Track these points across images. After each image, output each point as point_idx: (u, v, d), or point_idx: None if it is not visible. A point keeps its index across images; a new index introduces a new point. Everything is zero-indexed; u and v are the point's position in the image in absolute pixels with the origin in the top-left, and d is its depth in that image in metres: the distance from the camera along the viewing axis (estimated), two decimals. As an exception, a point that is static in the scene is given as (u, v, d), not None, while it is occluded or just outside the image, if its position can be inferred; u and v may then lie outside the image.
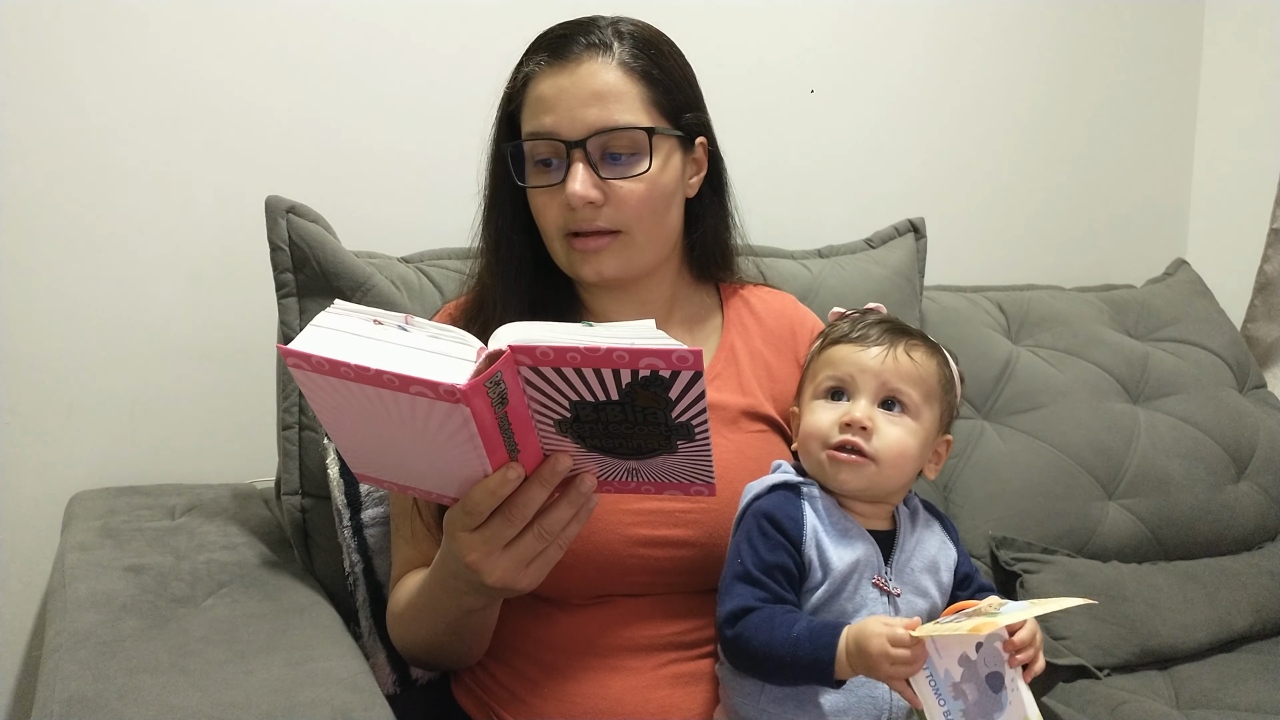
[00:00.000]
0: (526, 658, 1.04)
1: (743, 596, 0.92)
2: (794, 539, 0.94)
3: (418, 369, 0.73)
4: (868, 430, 0.95)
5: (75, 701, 0.83)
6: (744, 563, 0.94)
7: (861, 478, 0.96)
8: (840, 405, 0.98)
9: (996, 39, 1.94)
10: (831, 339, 1.02)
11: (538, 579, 0.88)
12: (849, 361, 0.98)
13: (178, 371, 1.44)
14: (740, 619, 0.91)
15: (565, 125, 1.00)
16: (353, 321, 0.77)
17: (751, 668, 0.93)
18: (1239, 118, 2.11)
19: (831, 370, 0.99)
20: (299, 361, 0.75)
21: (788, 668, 0.89)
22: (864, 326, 1.01)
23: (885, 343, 0.99)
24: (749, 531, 0.95)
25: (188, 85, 1.41)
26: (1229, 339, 1.85)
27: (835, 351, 1.00)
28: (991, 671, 0.89)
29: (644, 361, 0.73)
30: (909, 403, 0.98)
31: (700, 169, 1.11)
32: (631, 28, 1.05)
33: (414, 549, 1.07)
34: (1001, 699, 0.88)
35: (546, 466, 0.82)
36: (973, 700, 0.87)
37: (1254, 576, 1.62)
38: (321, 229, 1.26)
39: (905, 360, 0.98)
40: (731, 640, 0.92)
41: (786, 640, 0.88)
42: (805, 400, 1.02)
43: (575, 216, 1.02)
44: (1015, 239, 2.01)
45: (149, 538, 1.19)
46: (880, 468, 0.96)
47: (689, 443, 0.79)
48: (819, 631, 0.88)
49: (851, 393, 0.98)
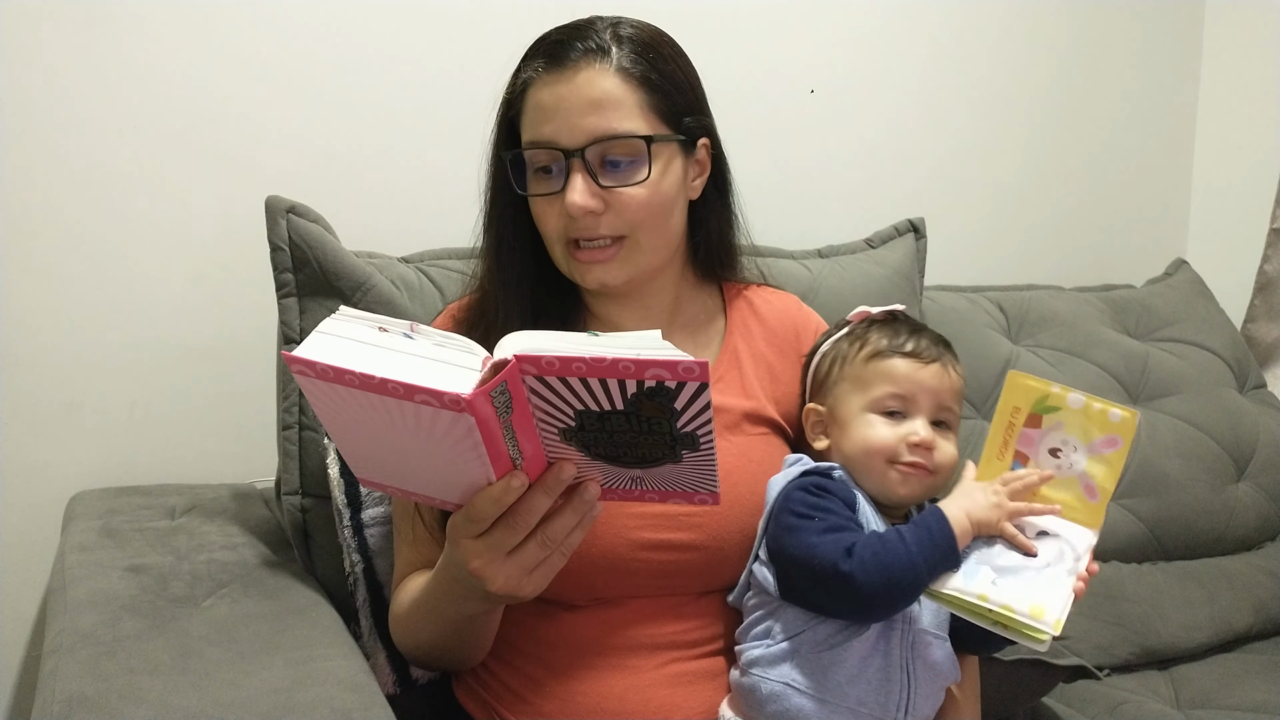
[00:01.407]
0: (528, 657, 1.04)
1: (839, 539, 0.92)
2: (849, 503, 0.98)
3: (423, 378, 0.72)
4: (932, 450, 0.99)
5: (75, 701, 0.83)
6: (822, 519, 0.95)
7: (922, 490, 1.00)
8: (901, 424, 1.00)
9: (997, 40, 1.94)
10: (880, 350, 1.03)
11: (541, 586, 0.88)
12: (911, 380, 1.01)
13: (178, 371, 1.44)
14: (851, 553, 0.91)
15: (564, 134, 1.00)
16: (358, 328, 0.77)
17: (880, 588, 0.91)
18: (1239, 118, 2.11)
19: (893, 387, 1.01)
20: (304, 368, 0.74)
21: (918, 565, 0.90)
22: (912, 337, 1.03)
23: (937, 358, 1.02)
24: (804, 500, 0.97)
25: (188, 86, 1.41)
26: (1229, 339, 1.85)
27: (894, 366, 1.01)
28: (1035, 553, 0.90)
29: (650, 372, 0.73)
30: (953, 420, 1.02)
31: (703, 170, 1.10)
32: (631, 30, 1.04)
33: (416, 551, 1.07)
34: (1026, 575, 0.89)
35: (550, 475, 0.82)
36: (997, 551, 0.89)
37: (1254, 576, 1.62)
38: (321, 229, 1.26)
39: (954, 377, 1.02)
40: (852, 572, 0.90)
41: (901, 542, 0.90)
42: (854, 410, 1.02)
43: (575, 224, 1.01)
44: (1015, 239, 2.01)
45: (149, 538, 1.19)
46: (936, 480, 1.00)
47: (694, 452, 0.79)
48: (925, 523, 0.91)
49: (910, 411, 1.01)
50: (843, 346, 1.06)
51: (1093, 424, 0.90)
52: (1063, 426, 0.90)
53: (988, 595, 0.87)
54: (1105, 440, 0.90)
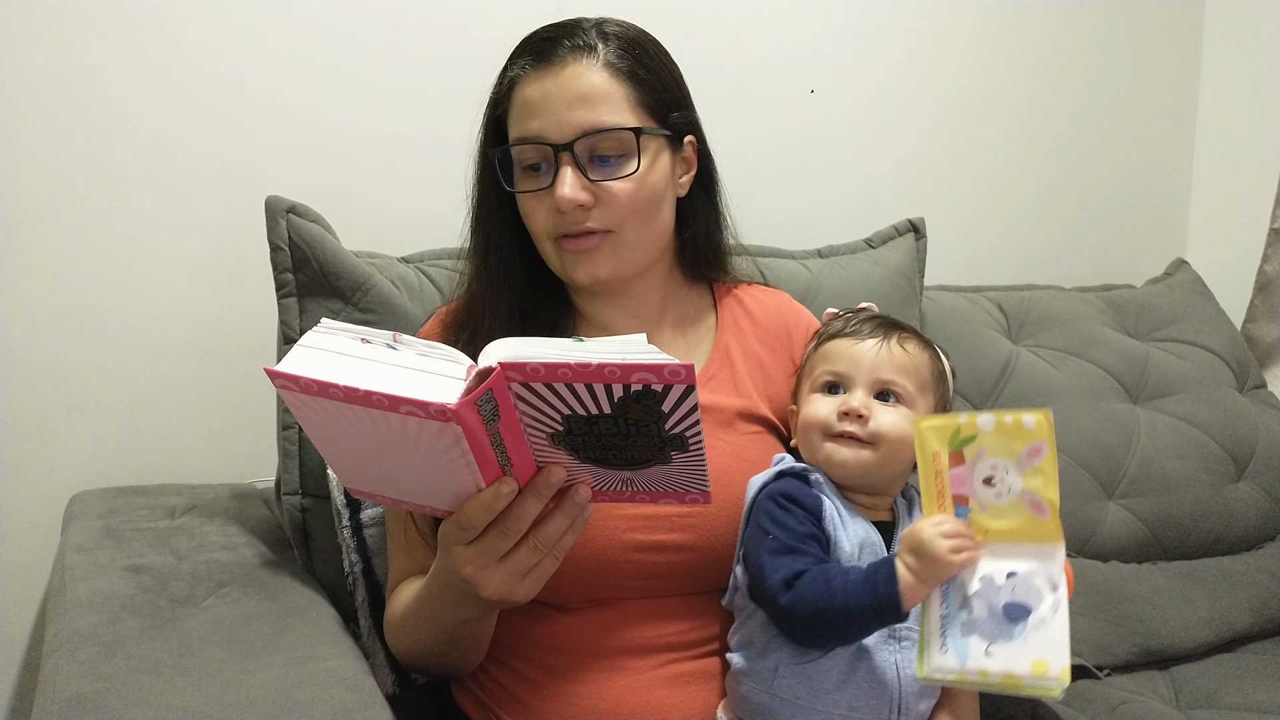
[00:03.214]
0: (525, 660, 1.04)
1: (788, 564, 0.91)
2: (814, 513, 0.96)
3: (407, 389, 0.72)
4: (864, 418, 0.98)
5: (75, 701, 0.83)
6: (777, 538, 0.94)
7: (862, 462, 0.98)
8: (837, 397, 1.00)
9: (997, 40, 1.94)
10: (826, 335, 1.05)
11: (534, 590, 0.88)
12: (844, 356, 1.02)
13: (178, 371, 1.44)
14: (793, 583, 0.90)
15: (552, 129, 1.00)
16: (340, 340, 0.77)
17: (814, 628, 0.90)
18: (1239, 118, 2.11)
19: (828, 365, 1.02)
20: (287, 383, 0.74)
21: (853, 613, 0.87)
22: (857, 323, 1.05)
23: (879, 336, 1.02)
24: (770, 512, 0.96)
25: (187, 85, 1.41)
26: (1229, 339, 1.85)
27: (830, 347, 1.04)
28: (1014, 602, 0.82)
29: (636, 376, 0.72)
30: (903, 393, 1.00)
31: (690, 168, 1.10)
32: (616, 28, 1.05)
33: (409, 557, 1.07)
34: (1015, 631, 0.81)
35: (540, 479, 0.82)
36: (980, 617, 0.82)
37: (1254, 576, 1.62)
38: (321, 229, 1.26)
39: (899, 351, 1.01)
40: (789, 607, 0.90)
41: (843, 589, 0.88)
42: (803, 395, 1.05)
43: (565, 220, 1.01)
44: (1015, 239, 2.01)
45: (149, 538, 1.19)
46: (880, 452, 0.98)
47: (683, 453, 0.79)
48: (873, 572, 0.87)
49: (848, 385, 1.01)
50: (809, 347, 1.09)
51: (1012, 439, 0.83)
52: (986, 452, 0.83)
53: (987, 670, 0.82)
54: (1029, 450, 0.83)
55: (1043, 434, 0.82)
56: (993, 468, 0.83)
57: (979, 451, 0.83)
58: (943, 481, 0.84)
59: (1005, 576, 0.83)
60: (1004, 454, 0.83)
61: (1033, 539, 0.83)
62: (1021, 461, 0.83)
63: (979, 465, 0.83)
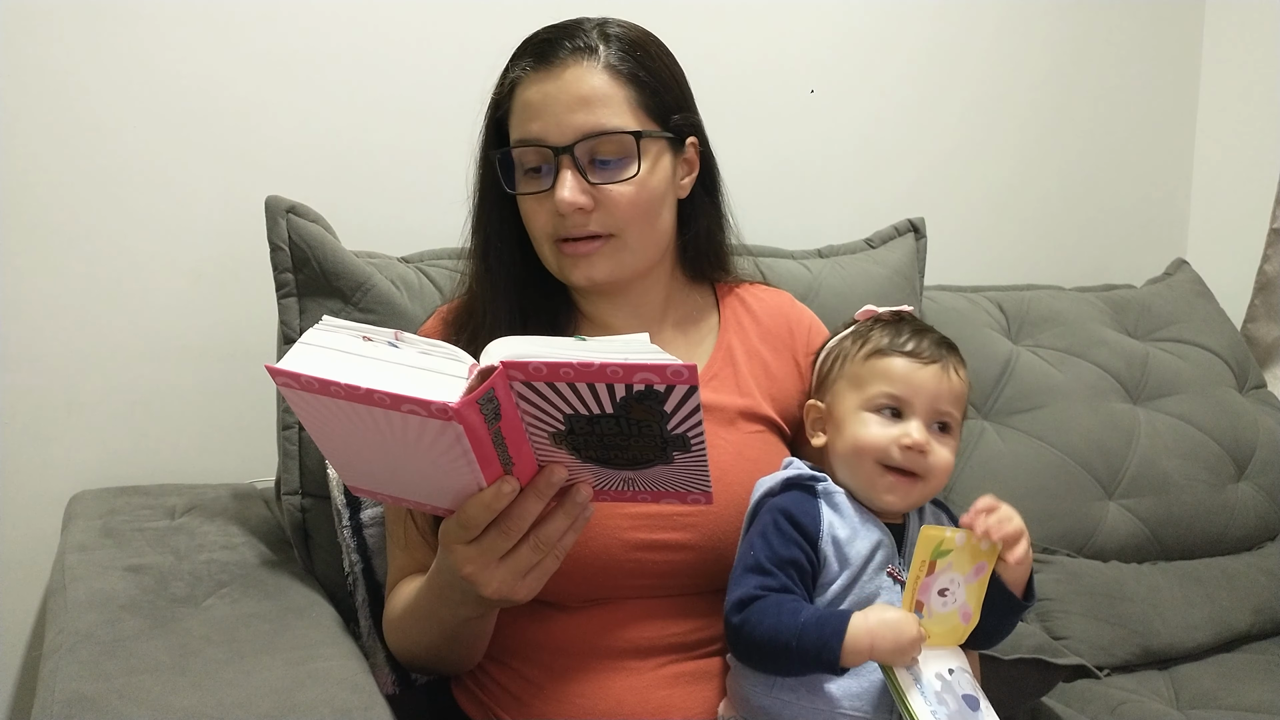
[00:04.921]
0: (526, 659, 1.03)
1: (749, 585, 0.92)
2: (811, 536, 0.95)
3: (409, 387, 0.72)
4: (925, 453, 0.97)
5: (75, 701, 0.83)
6: (756, 555, 0.94)
7: (908, 503, 0.99)
8: (895, 424, 0.98)
9: (997, 39, 1.94)
10: (879, 348, 1.01)
11: (535, 589, 0.87)
12: (905, 380, 0.98)
13: (178, 371, 1.44)
14: (746, 606, 0.91)
15: (552, 131, 1.00)
16: (342, 338, 0.77)
17: (754, 654, 0.93)
18: (1239, 118, 2.11)
19: (886, 385, 0.99)
20: (288, 381, 0.74)
21: (792, 653, 0.88)
22: (914, 337, 1.01)
23: (938, 360, 0.99)
24: (764, 527, 0.96)
25: (187, 86, 1.41)
26: (1229, 339, 1.85)
27: (891, 365, 0.99)
28: (966, 693, 0.91)
29: (638, 376, 0.72)
30: (954, 423, 1.00)
31: (692, 169, 1.10)
32: (618, 30, 1.04)
33: (409, 556, 1.07)
34: (978, 717, 0.91)
35: (541, 478, 0.82)
36: (954, 710, 0.89)
37: (1254, 576, 1.62)
38: (321, 229, 1.26)
39: (957, 381, 0.99)
40: (737, 627, 0.92)
41: (793, 626, 0.89)
42: (850, 407, 1.00)
43: (565, 223, 1.01)
44: (1015, 239, 2.01)
45: (149, 538, 1.19)
46: (926, 485, 0.98)
47: (685, 453, 0.79)
48: (827, 619, 0.89)
49: (906, 411, 0.98)
50: (845, 344, 1.05)
51: (971, 556, 0.91)
52: (952, 565, 0.91)
53: None
54: (976, 568, 0.92)
55: (990, 556, 0.92)
56: (950, 580, 0.91)
57: (948, 564, 0.91)
58: (917, 586, 0.90)
59: (949, 673, 0.91)
60: (960, 569, 0.91)
61: (953, 643, 0.93)
62: (969, 577, 0.92)
63: (941, 577, 0.91)
